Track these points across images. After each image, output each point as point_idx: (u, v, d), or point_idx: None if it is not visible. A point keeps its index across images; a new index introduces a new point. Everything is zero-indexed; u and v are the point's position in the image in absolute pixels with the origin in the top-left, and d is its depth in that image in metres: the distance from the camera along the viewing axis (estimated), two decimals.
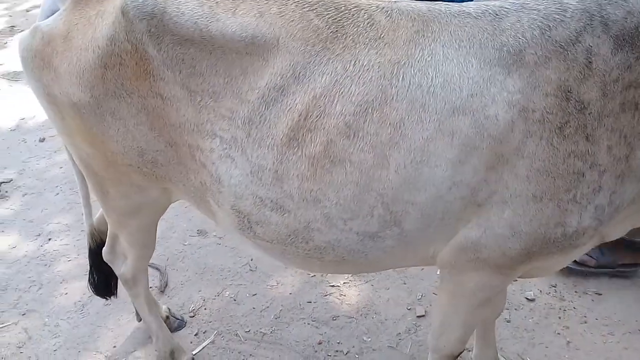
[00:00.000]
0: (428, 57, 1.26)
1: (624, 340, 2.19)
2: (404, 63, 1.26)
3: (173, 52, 1.32)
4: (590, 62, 1.21)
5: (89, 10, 1.38)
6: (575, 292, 2.41)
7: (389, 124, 1.26)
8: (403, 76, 1.26)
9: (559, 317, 2.30)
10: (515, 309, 2.34)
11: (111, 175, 1.57)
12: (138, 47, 1.32)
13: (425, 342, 2.18)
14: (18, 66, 4.38)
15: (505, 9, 1.26)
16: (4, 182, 3.15)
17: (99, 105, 1.41)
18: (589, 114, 1.22)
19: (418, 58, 1.26)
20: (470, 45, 1.25)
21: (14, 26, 5.15)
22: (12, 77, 4.29)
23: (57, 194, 3.07)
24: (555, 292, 2.41)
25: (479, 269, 1.41)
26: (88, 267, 2.11)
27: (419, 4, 1.35)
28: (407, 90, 1.25)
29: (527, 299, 2.38)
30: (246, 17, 1.31)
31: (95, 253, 2.00)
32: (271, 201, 1.36)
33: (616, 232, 1.54)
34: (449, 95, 1.24)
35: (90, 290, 2.11)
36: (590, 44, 1.21)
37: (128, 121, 1.42)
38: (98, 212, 2.03)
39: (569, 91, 1.22)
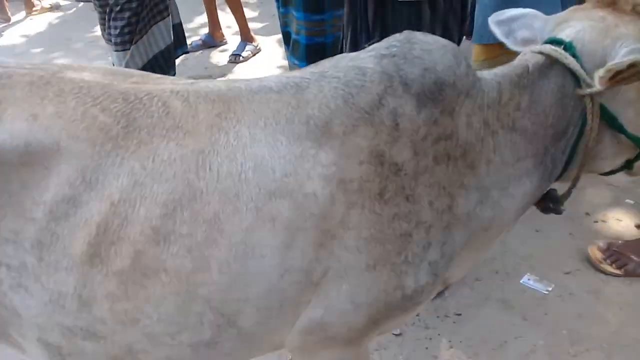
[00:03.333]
0: (234, 141, 1.16)
1: (489, 358, 2.25)
2: (209, 151, 1.15)
3: None
4: (397, 123, 1.19)
5: None
6: (437, 316, 2.44)
7: (203, 221, 1.14)
8: (210, 166, 1.15)
9: (426, 348, 2.32)
10: (385, 349, 2.31)
11: None
12: None
13: None
14: None
15: (306, 80, 1.21)
16: None
17: None
18: (404, 174, 1.20)
19: (223, 144, 1.16)
20: (277, 122, 1.17)
21: None
22: None
23: None
24: (419, 321, 2.42)
25: (329, 347, 1.34)
26: None
27: (218, 83, 1.26)
28: (217, 181, 1.14)
29: (394, 334, 2.38)
30: (16, 122, 1.12)
31: None
32: (81, 329, 1.18)
33: (456, 274, 1.56)
34: (262, 179, 1.15)
35: None
36: (394, 106, 1.19)
37: None
38: None
39: (381, 155, 1.19)
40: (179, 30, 4.17)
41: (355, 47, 2.14)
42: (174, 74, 4.17)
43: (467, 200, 1.31)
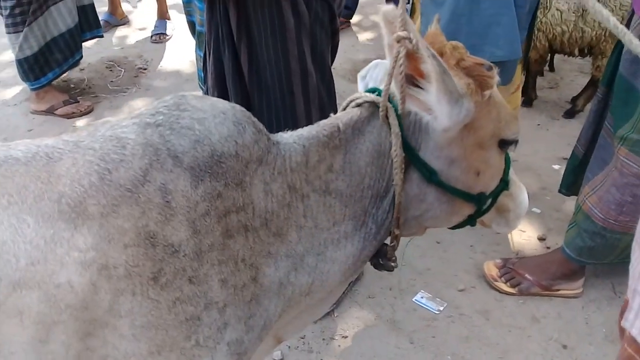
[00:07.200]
0: None
1: None
2: None
3: None
4: (168, 201, 1.03)
5: None
6: (323, 339, 2.34)
7: None
8: None
9: None
10: None
11: None
12: None
13: None
14: None
15: (59, 150, 1.03)
16: None
17: None
18: (183, 256, 1.05)
19: None
20: (23, 200, 1.00)
21: None
22: None
23: None
24: (304, 344, 2.32)
25: None
26: None
27: None
28: None
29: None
30: None
31: None
32: None
33: (290, 333, 1.46)
34: (3, 269, 0.98)
35: None
36: (163, 182, 1.03)
37: None
38: None
39: (152, 237, 1.02)
40: (89, 11, 3.90)
41: (218, 55, 1.95)
42: (80, 58, 3.91)
43: (276, 268, 1.18)
